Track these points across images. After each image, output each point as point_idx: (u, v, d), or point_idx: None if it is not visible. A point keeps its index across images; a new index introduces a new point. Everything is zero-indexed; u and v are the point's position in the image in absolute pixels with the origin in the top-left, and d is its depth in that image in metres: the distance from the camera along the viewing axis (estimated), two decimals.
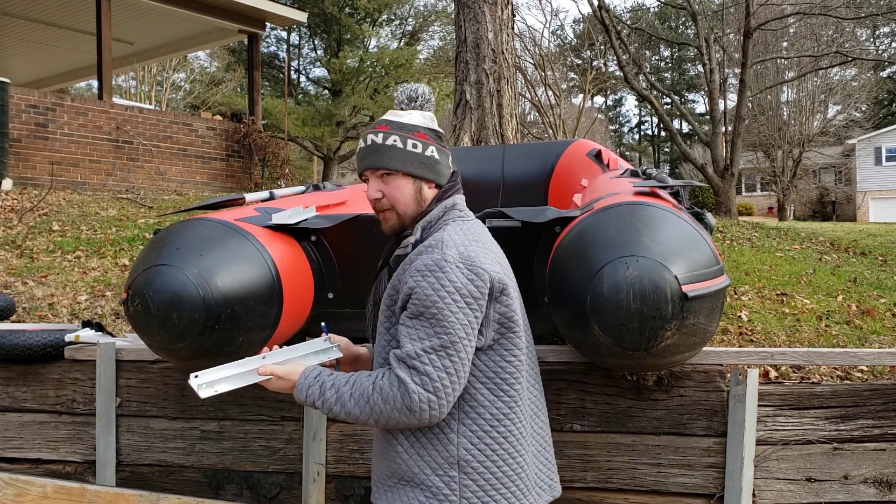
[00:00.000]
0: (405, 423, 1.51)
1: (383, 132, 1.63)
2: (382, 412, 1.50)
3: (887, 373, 2.70)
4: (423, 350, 1.49)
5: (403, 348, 1.51)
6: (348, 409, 1.52)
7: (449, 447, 1.56)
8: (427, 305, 1.50)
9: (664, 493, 2.54)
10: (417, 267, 1.53)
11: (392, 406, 1.49)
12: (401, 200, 1.64)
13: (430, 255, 1.54)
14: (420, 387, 1.48)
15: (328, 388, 1.55)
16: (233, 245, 2.29)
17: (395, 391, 1.49)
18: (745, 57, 16.39)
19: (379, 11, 25.74)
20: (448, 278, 1.51)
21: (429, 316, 1.50)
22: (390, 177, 1.63)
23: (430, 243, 1.58)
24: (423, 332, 1.50)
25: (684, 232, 2.05)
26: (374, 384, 1.52)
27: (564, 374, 2.60)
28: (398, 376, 1.49)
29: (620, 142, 49.54)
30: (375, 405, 1.50)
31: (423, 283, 1.50)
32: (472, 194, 4.15)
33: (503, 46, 6.60)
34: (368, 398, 1.51)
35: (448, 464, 1.56)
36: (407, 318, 1.53)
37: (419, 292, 1.50)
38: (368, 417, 1.52)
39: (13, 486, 2.75)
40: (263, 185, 9.89)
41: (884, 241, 8.63)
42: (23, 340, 2.91)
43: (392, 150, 1.62)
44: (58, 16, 10.17)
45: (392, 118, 1.66)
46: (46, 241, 5.15)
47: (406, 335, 1.51)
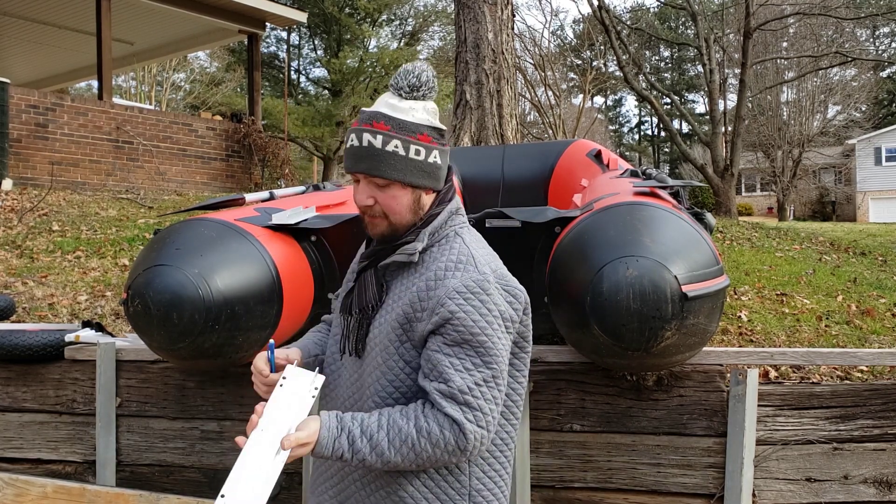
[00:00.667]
0: (452, 463, 1.37)
1: (382, 134, 1.41)
2: (430, 457, 1.34)
3: (887, 373, 2.70)
4: (476, 383, 1.34)
5: (452, 382, 1.33)
6: (386, 459, 1.34)
7: (461, 478, 1.44)
8: (475, 333, 1.34)
9: (664, 493, 2.54)
10: (457, 288, 1.36)
11: (443, 449, 1.34)
12: (396, 210, 1.44)
13: (469, 275, 1.38)
14: (474, 424, 1.34)
15: (358, 437, 1.34)
16: (233, 245, 2.29)
17: (447, 434, 1.33)
18: (745, 57, 16.39)
19: (379, 11, 25.75)
20: (493, 301, 1.38)
21: (476, 344, 1.35)
22: (387, 185, 1.42)
23: (458, 259, 1.41)
24: (470, 361, 1.35)
25: (684, 232, 2.05)
26: (417, 427, 1.34)
27: (564, 374, 2.60)
28: (451, 417, 1.33)
29: (620, 142, 49.54)
30: (422, 451, 1.33)
31: (467, 308, 1.35)
32: (472, 194, 4.16)
33: (503, 46, 6.60)
34: (413, 444, 1.33)
35: (460, 495, 1.44)
36: (446, 344, 1.35)
37: (464, 318, 1.34)
38: (411, 464, 1.35)
39: (13, 486, 2.75)
40: (263, 185, 9.89)
41: (884, 241, 8.63)
42: (23, 340, 2.91)
43: (392, 158, 1.41)
44: (58, 16, 10.17)
45: (392, 114, 1.42)
46: (46, 241, 5.15)
47: (450, 365, 1.34)
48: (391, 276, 1.49)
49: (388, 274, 1.49)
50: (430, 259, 1.45)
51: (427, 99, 1.47)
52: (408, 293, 1.43)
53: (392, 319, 1.43)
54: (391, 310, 1.45)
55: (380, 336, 1.44)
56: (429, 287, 1.39)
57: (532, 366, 2.59)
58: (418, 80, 1.45)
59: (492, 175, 4.17)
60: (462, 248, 1.45)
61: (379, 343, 1.44)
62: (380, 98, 1.50)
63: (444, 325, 1.36)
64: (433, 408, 1.35)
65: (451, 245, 1.46)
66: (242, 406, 2.84)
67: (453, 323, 1.35)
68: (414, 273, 1.45)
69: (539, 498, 2.61)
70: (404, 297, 1.43)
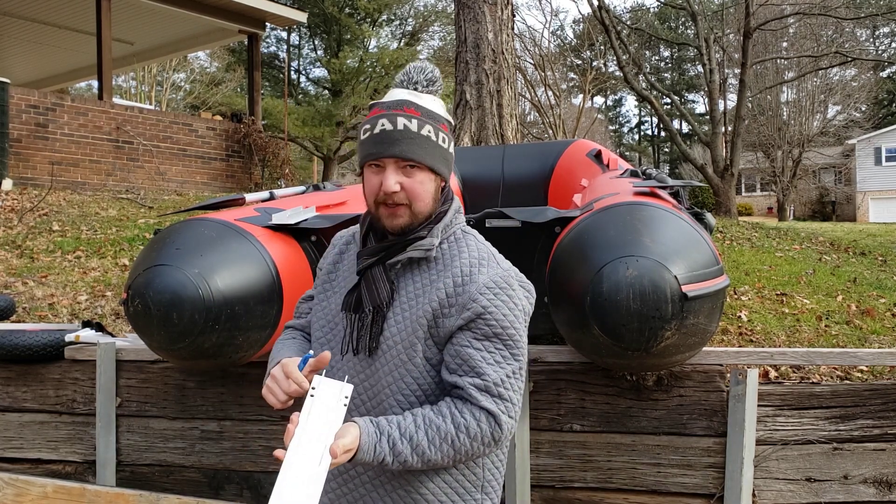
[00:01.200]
0: (485, 453, 1.41)
1: (417, 119, 1.42)
2: (468, 451, 1.37)
3: (887, 373, 2.70)
4: (507, 376, 1.39)
5: (486, 376, 1.37)
6: (427, 458, 1.35)
7: (476, 470, 1.48)
8: (505, 326, 1.39)
9: (664, 493, 2.54)
10: (487, 284, 1.40)
11: (480, 442, 1.37)
12: (422, 198, 1.43)
13: (495, 271, 1.42)
14: (507, 415, 1.38)
15: (398, 440, 1.34)
16: (233, 245, 2.29)
17: (483, 427, 1.36)
18: (744, 57, 16.39)
19: (379, 11, 25.74)
20: (518, 296, 1.44)
21: (505, 338, 1.40)
22: (415, 170, 1.42)
23: (480, 255, 1.45)
24: (500, 354, 1.39)
25: (684, 232, 2.05)
26: (455, 423, 1.36)
27: (564, 374, 2.60)
28: (487, 409, 1.36)
29: (620, 142, 49.54)
30: (461, 446, 1.36)
31: (497, 303, 1.39)
32: (472, 194, 4.16)
33: (503, 46, 6.60)
34: (453, 441, 1.35)
35: (475, 487, 1.48)
36: (476, 339, 1.39)
37: (495, 312, 1.38)
38: (449, 461, 1.37)
39: (13, 486, 2.75)
40: (263, 185, 9.88)
41: (883, 241, 8.63)
42: (23, 340, 2.91)
43: (426, 143, 1.42)
44: (58, 16, 10.17)
45: (419, 102, 1.44)
46: (46, 241, 5.15)
47: (482, 360, 1.38)
48: (398, 273, 1.47)
49: (395, 271, 1.47)
50: (444, 257, 1.46)
51: (438, 95, 1.50)
52: (433, 290, 1.42)
53: (416, 317, 1.42)
54: (409, 307, 1.43)
55: (400, 333, 1.43)
56: (456, 284, 1.41)
57: (532, 366, 2.60)
58: (433, 75, 1.49)
59: (492, 175, 4.17)
60: (479, 245, 1.48)
61: (401, 341, 1.43)
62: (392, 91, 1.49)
63: (475, 321, 1.38)
64: (466, 402, 1.38)
65: (466, 243, 1.48)
66: (242, 406, 2.84)
67: (485, 317, 1.38)
68: (427, 270, 1.45)
69: (539, 498, 2.61)
70: (430, 295, 1.42)
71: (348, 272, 1.56)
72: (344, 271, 1.57)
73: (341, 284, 1.56)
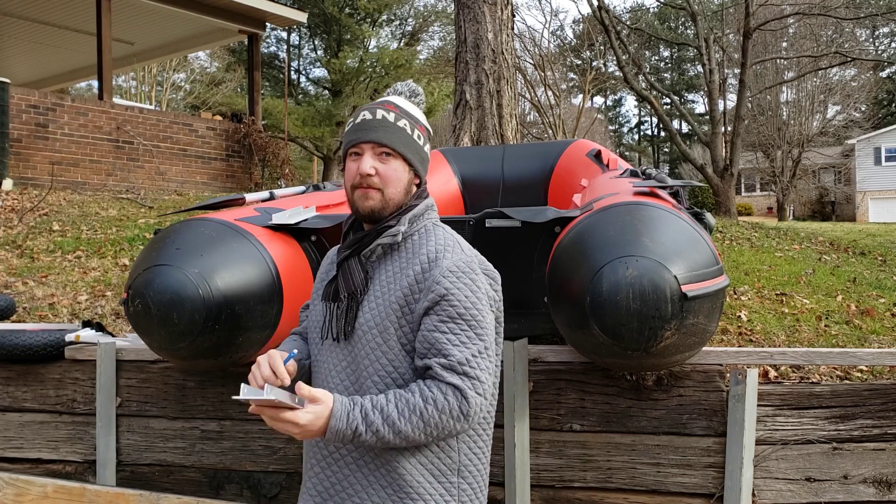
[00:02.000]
0: (455, 431, 1.46)
1: (394, 112, 1.58)
2: (437, 424, 1.43)
3: (887, 373, 2.70)
4: (472, 355, 1.45)
5: (451, 356, 1.44)
6: (398, 428, 1.41)
7: (451, 454, 1.54)
8: (467, 307, 1.47)
9: (664, 492, 2.54)
10: (449, 268, 1.48)
11: (448, 415, 1.43)
12: (394, 184, 1.56)
13: (458, 256, 1.52)
14: (473, 391, 1.44)
15: (370, 410, 1.42)
16: (233, 245, 2.29)
17: (450, 400, 1.43)
18: (744, 57, 16.40)
19: (379, 12, 25.73)
20: (480, 280, 1.52)
21: (468, 318, 1.47)
22: (390, 157, 1.55)
23: (445, 243, 1.55)
24: (465, 335, 1.46)
25: (684, 232, 2.05)
26: (423, 397, 1.43)
27: (564, 374, 2.60)
28: (452, 384, 1.43)
29: (620, 142, 49.54)
30: (430, 418, 1.42)
31: (459, 285, 1.47)
32: (472, 194, 4.16)
33: (503, 47, 6.60)
34: (421, 412, 1.42)
35: (450, 470, 1.54)
36: (441, 322, 1.46)
37: (457, 294, 1.47)
38: (419, 433, 1.43)
39: (13, 485, 2.75)
40: (263, 185, 9.88)
41: (883, 241, 8.63)
42: (23, 340, 2.91)
43: (402, 133, 1.56)
44: (58, 16, 10.17)
45: (400, 104, 1.61)
46: (46, 241, 5.15)
47: (447, 341, 1.45)
48: (372, 264, 1.59)
49: (369, 262, 1.59)
50: (413, 246, 1.57)
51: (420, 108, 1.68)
52: (403, 277, 1.53)
53: (389, 303, 1.52)
54: (381, 294, 1.54)
55: (374, 319, 1.53)
56: (423, 269, 1.51)
57: (532, 366, 2.60)
58: (417, 89, 1.69)
59: (492, 175, 4.17)
60: (446, 235, 1.59)
61: (375, 325, 1.52)
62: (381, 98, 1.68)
63: (438, 303, 1.47)
64: (434, 380, 1.45)
65: (435, 233, 1.59)
66: (242, 406, 2.84)
67: (448, 299, 1.47)
68: (398, 259, 1.57)
69: (539, 497, 2.61)
70: (400, 281, 1.53)
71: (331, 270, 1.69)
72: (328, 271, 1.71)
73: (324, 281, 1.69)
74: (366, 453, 1.52)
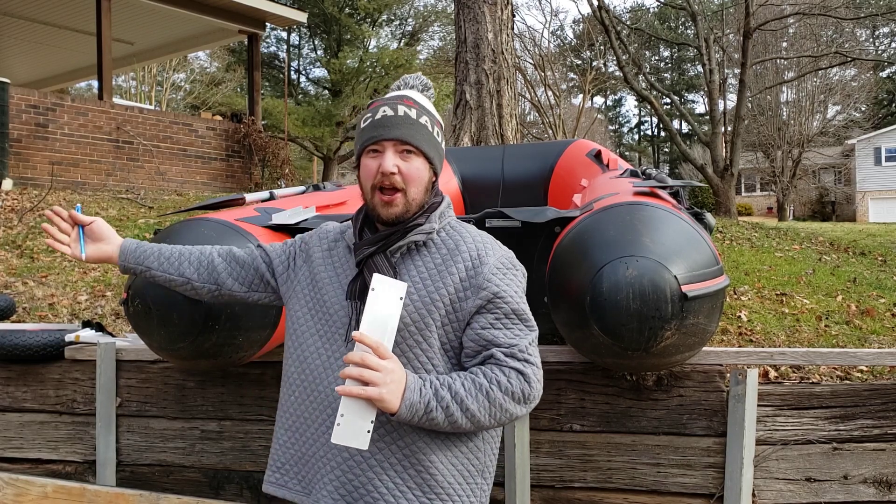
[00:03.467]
0: (516, 415, 1.47)
1: (416, 109, 1.52)
2: (502, 405, 1.43)
3: (887, 373, 2.70)
4: (529, 343, 1.48)
5: (512, 345, 1.46)
6: (466, 406, 1.40)
7: (479, 455, 1.55)
8: (518, 302, 1.50)
9: (664, 492, 2.54)
10: (497, 265, 1.50)
11: (511, 398, 1.43)
12: (417, 183, 1.51)
13: (501, 252, 1.54)
14: (535, 376, 1.47)
15: (439, 386, 1.40)
16: (233, 245, 2.29)
17: (514, 382, 1.44)
18: (744, 57, 16.39)
19: (379, 12, 25.72)
20: (522, 274, 1.56)
21: (521, 312, 1.50)
22: (412, 155, 1.50)
23: (484, 239, 1.55)
24: (518, 328, 1.49)
25: (684, 232, 2.05)
26: (488, 378, 1.43)
27: (564, 374, 2.60)
28: (517, 369, 1.45)
29: (620, 142, 49.53)
30: (496, 398, 1.42)
31: (507, 281, 1.50)
32: (472, 194, 4.16)
33: (503, 47, 6.60)
34: (488, 392, 1.42)
35: (477, 471, 1.54)
36: (496, 319, 1.48)
37: (508, 290, 1.49)
38: (485, 414, 1.42)
39: (13, 485, 2.75)
40: (263, 185, 9.88)
41: (883, 241, 8.63)
42: (23, 340, 2.91)
43: (424, 131, 1.51)
44: (58, 16, 10.17)
45: (417, 98, 1.56)
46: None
47: (504, 336, 1.47)
48: (398, 260, 1.53)
49: (395, 258, 1.53)
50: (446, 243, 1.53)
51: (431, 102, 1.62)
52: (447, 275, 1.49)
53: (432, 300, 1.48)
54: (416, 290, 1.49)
55: (410, 316, 1.47)
56: (468, 267, 1.49)
57: None
58: (428, 83, 1.64)
59: (492, 175, 4.17)
60: (477, 231, 1.58)
61: (413, 322, 1.48)
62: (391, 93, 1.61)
63: (492, 301, 1.47)
64: (495, 365, 1.45)
65: (465, 230, 1.57)
66: (242, 406, 2.84)
67: (501, 297, 1.48)
68: (429, 256, 1.52)
69: (539, 498, 2.61)
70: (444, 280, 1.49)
71: (342, 266, 1.59)
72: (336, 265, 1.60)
73: (335, 278, 1.58)
74: (392, 455, 1.48)
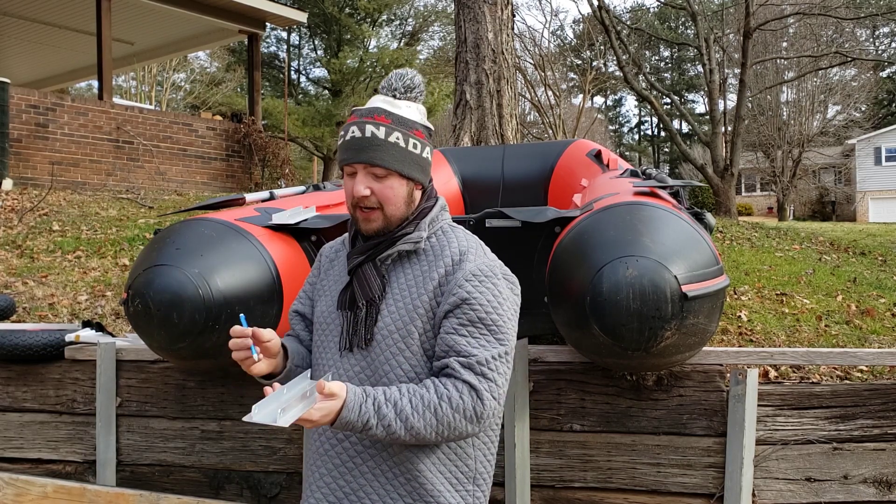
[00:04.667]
0: (466, 433, 1.42)
1: (385, 126, 1.49)
2: (450, 423, 1.39)
3: (887, 373, 2.70)
4: (492, 357, 1.42)
5: (471, 355, 1.41)
6: (410, 424, 1.37)
7: (468, 462, 1.53)
8: (488, 311, 1.44)
9: (664, 492, 2.54)
10: (472, 271, 1.46)
11: (462, 415, 1.39)
12: (393, 202, 1.51)
13: (481, 259, 1.49)
14: (489, 393, 1.41)
15: (383, 403, 1.38)
16: (233, 245, 2.29)
17: (465, 398, 1.39)
18: (744, 57, 16.38)
19: (379, 11, 25.72)
20: (502, 286, 1.49)
21: (489, 322, 1.44)
22: (387, 176, 1.49)
23: (468, 245, 1.52)
24: (485, 339, 1.44)
25: (684, 232, 2.05)
26: (438, 393, 1.40)
27: (564, 374, 2.60)
28: (469, 382, 1.40)
29: (620, 142, 49.53)
30: (444, 416, 1.38)
31: (481, 289, 1.45)
32: (472, 194, 4.16)
33: (503, 46, 6.60)
34: (435, 409, 1.38)
35: (467, 478, 1.53)
36: (461, 325, 1.44)
37: (479, 298, 1.44)
38: (431, 431, 1.39)
39: (13, 485, 2.75)
40: (263, 185, 9.88)
41: (883, 241, 8.63)
42: (23, 340, 2.91)
43: (394, 149, 1.48)
44: (58, 16, 10.17)
45: (391, 109, 1.52)
46: (46, 241, 5.15)
47: (466, 343, 1.43)
48: (388, 268, 1.55)
49: (385, 266, 1.54)
50: (434, 249, 1.53)
51: (418, 101, 1.58)
52: (427, 280, 1.49)
53: (415, 307, 1.49)
54: (402, 298, 1.51)
55: (395, 323, 1.49)
56: (448, 272, 1.48)
57: (532, 366, 2.60)
58: (412, 82, 1.56)
59: (492, 175, 4.17)
60: (467, 236, 1.56)
61: (396, 330, 1.49)
62: (372, 99, 1.57)
63: (460, 306, 1.44)
64: (450, 377, 1.42)
65: (455, 234, 1.55)
66: (243, 406, 2.84)
67: (469, 303, 1.44)
68: (418, 262, 1.53)
69: (539, 498, 2.61)
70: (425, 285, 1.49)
71: (339, 276, 1.63)
72: (334, 275, 1.65)
73: (332, 287, 1.63)
74: (383, 462, 1.49)
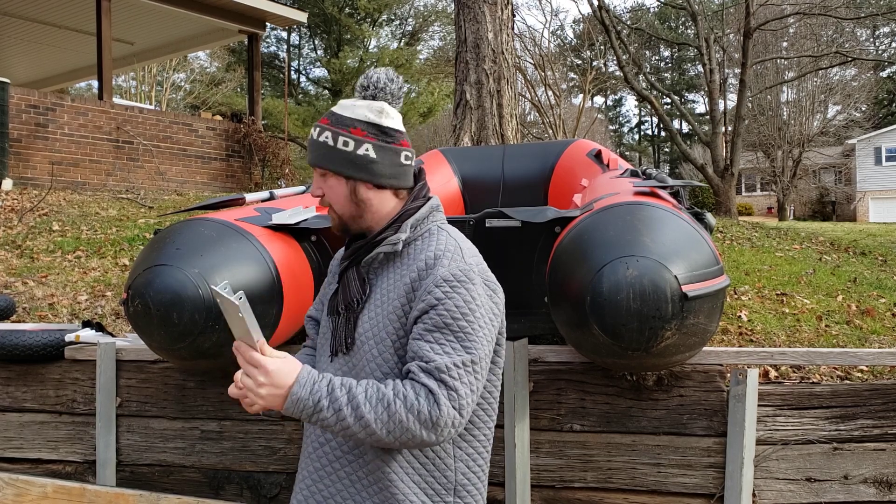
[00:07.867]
0: (421, 440, 1.35)
1: (321, 127, 1.53)
2: (402, 423, 1.33)
3: (887, 373, 2.70)
4: (454, 364, 1.36)
5: (431, 361, 1.36)
6: (360, 414, 1.33)
7: (447, 473, 1.49)
8: (456, 318, 1.39)
9: (664, 493, 2.54)
10: (443, 276, 1.41)
11: (415, 417, 1.33)
12: (335, 200, 1.54)
13: (456, 264, 1.43)
14: (447, 400, 1.35)
15: (337, 387, 1.35)
16: (233, 245, 2.29)
17: (421, 401, 1.34)
18: (745, 57, 16.39)
19: (379, 11, 25.75)
20: (477, 291, 1.43)
21: (456, 329, 1.39)
22: (325, 175, 1.54)
23: (445, 248, 1.47)
24: (450, 346, 1.38)
25: (684, 232, 2.05)
26: (395, 390, 1.35)
27: (564, 374, 2.60)
28: (427, 386, 1.35)
29: (620, 142, 49.54)
30: (396, 414, 1.33)
31: (452, 295, 1.40)
32: (472, 194, 4.16)
33: (503, 46, 6.60)
34: (389, 404, 1.33)
35: (445, 490, 1.49)
36: (427, 330, 1.39)
37: (448, 304, 1.39)
38: (381, 428, 1.33)
39: (13, 486, 2.75)
40: (263, 185, 9.88)
41: (884, 241, 8.62)
42: (23, 340, 2.91)
43: (323, 148, 1.52)
44: (58, 16, 10.17)
45: (336, 109, 1.55)
46: (46, 241, 5.15)
47: (430, 349, 1.38)
48: (374, 272, 1.54)
49: (371, 270, 1.54)
50: (416, 251, 1.50)
51: (378, 99, 1.54)
52: (400, 285, 1.47)
53: (387, 312, 1.47)
54: (381, 303, 1.49)
55: (372, 329, 1.48)
56: (421, 276, 1.44)
57: (532, 366, 2.60)
58: (368, 80, 1.55)
59: (492, 175, 4.17)
60: (448, 239, 1.51)
61: (373, 336, 1.47)
62: None
63: (427, 312, 1.40)
64: (409, 379, 1.39)
65: (437, 237, 1.51)
66: (242, 406, 2.83)
67: (437, 308, 1.40)
68: (400, 266, 1.50)
69: (539, 498, 2.61)
70: (398, 290, 1.47)
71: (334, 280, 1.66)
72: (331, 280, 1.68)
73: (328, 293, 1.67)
74: (359, 468, 1.48)
